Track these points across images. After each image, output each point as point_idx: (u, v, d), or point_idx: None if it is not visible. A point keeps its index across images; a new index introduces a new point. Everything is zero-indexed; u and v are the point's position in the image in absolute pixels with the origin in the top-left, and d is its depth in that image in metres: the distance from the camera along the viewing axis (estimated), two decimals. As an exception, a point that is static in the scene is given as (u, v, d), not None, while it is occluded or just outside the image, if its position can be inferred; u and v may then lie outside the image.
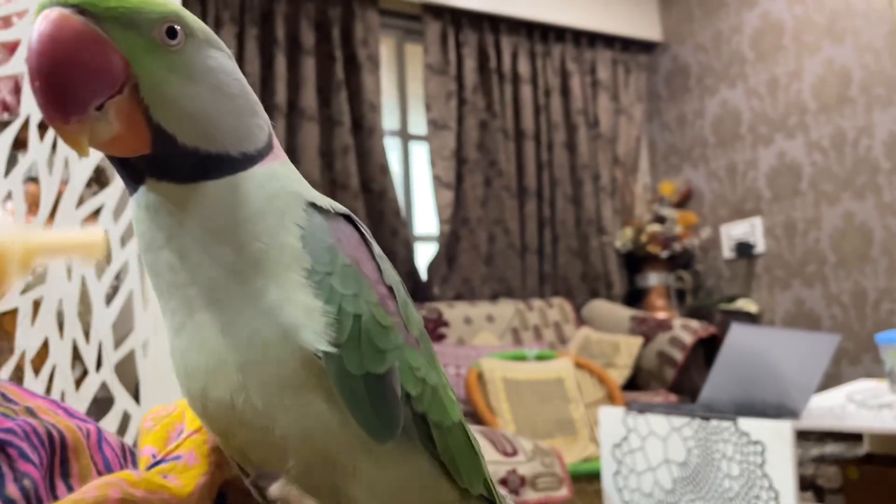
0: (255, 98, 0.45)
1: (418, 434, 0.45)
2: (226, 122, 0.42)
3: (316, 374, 0.40)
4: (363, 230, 0.47)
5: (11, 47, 1.49)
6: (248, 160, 0.43)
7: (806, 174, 3.31)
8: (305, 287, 0.41)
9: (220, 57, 0.43)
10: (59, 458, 0.46)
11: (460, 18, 3.57)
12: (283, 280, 0.41)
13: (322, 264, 0.42)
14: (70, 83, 0.36)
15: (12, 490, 0.40)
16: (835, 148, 3.19)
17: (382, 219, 3.28)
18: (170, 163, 0.40)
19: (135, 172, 0.41)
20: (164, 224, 0.41)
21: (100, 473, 0.48)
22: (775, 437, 1.44)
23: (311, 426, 0.41)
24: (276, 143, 0.47)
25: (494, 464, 1.71)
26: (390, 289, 0.46)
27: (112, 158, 0.42)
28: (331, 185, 3.23)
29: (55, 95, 0.36)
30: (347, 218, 0.46)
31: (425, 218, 3.58)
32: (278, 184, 0.44)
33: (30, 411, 0.47)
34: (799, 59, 3.35)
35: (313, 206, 0.44)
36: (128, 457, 0.54)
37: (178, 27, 0.40)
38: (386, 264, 0.47)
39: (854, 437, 2.84)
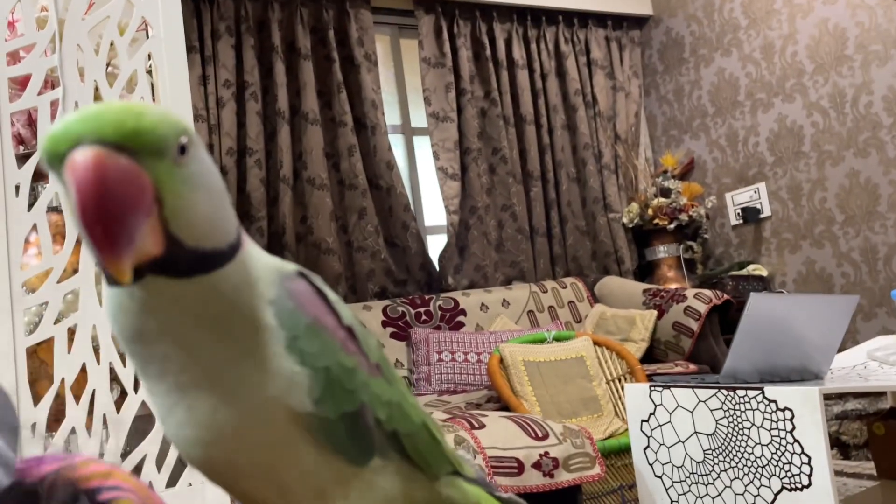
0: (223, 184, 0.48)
1: (391, 446, 0.52)
2: (218, 220, 0.45)
3: (302, 425, 0.46)
4: (316, 283, 0.52)
5: (23, 81, 1.52)
6: (231, 250, 0.46)
7: (807, 135, 3.32)
8: (284, 356, 0.46)
9: (202, 153, 0.46)
10: None
11: (452, 10, 3.57)
12: (265, 355, 0.46)
13: (291, 330, 0.47)
14: (125, 225, 0.38)
15: None
16: (834, 107, 3.20)
17: (392, 214, 3.30)
18: (173, 262, 0.43)
19: (134, 271, 0.42)
20: (159, 316, 0.44)
21: None
22: (803, 402, 1.46)
23: (304, 468, 0.48)
24: (241, 231, 0.50)
25: (527, 448, 1.74)
26: (349, 329, 0.52)
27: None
28: (338, 185, 3.25)
29: (114, 239, 0.38)
30: (302, 275, 0.52)
31: (434, 210, 3.61)
32: (257, 268, 0.48)
33: None
34: (792, 21, 3.35)
35: (275, 279, 0.49)
36: None
37: (185, 142, 0.43)
38: (341, 307, 0.53)
39: (875, 392, 2.87)
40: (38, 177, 1.50)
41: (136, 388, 1.43)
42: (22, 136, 1.69)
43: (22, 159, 1.43)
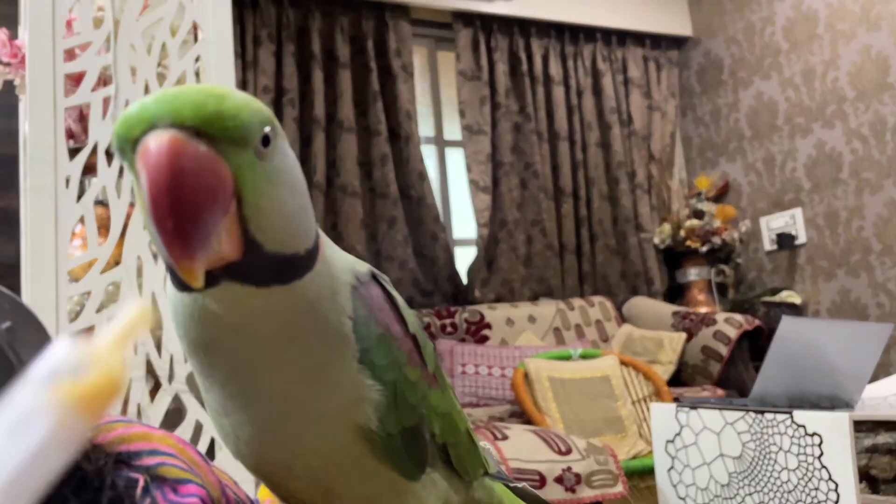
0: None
1: (439, 456, 0.51)
2: (300, 223, 0.41)
3: (363, 437, 0.45)
4: (387, 287, 0.50)
5: (77, 78, 1.57)
6: (310, 256, 0.42)
7: (846, 163, 3.28)
8: (356, 370, 0.44)
9: (286, 146, 0.42)
10: None
11: (490, 24, 3.61)
12: (339, 367, 0.43)
13: (364, 342, 0.44)
14: (201, 221, 0.34)
15: None
16: (875, 135, 3.16)
17: (422, 224, 3.33)
18: (251, 268, 0.39)
19: (207, 277, 0.38)
20: (231, 328, 0.40)
21: None
22: (832, 428, 1.44)
23: (358, 478, 0.47)
24: (319, 233, 0.46)
25: (549, 462, 1.74)
26: (414, 338, 0.50)
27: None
28: (370, 194, 3.29)
29: (187, 236, 0.34)
30: (374, 277, 0.49)
31: (464, 222, 3.63)
32: (335, 276, 0.44)
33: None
34: (834, 47, 3.32)
35: (353, 286, 0.46)
36: None
37: (270, 133, 0.38)
38: (409, 314, 0.50)
39: (908, 427, 2.80)
40: (87, 170, 1.55)
41: (170, 380, 1.46)
42: (72, 131, 1.75)
43: (72, 153, 1.48)
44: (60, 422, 0.22)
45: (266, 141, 0.38)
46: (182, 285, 0.40)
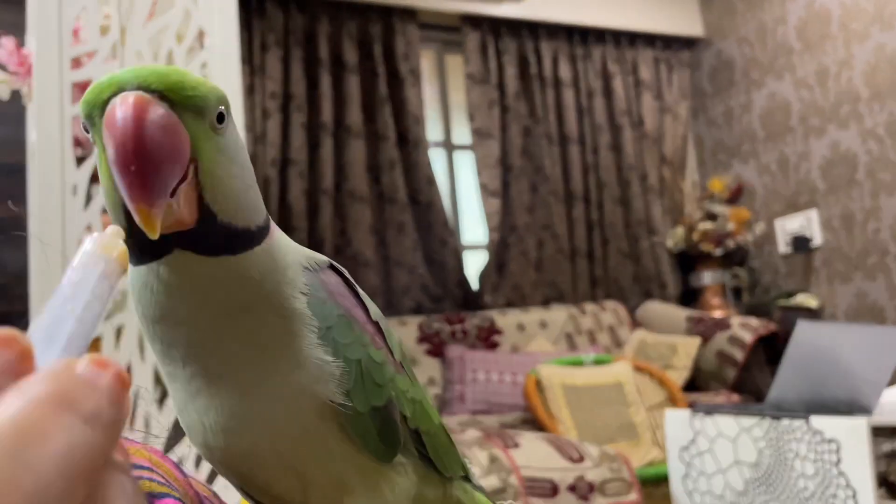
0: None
1: (412, 444, 0.52)
2: (249, 200, 0.44)
3: (330, 416, 0.46)
4: (346, 276, 0.52)
5: (84, 86, 1.57)
6: (260, 233, 0.45)
7: (862, 163, 3.23)
8: (316, 346, 0.46)
9: (236, 130, 0.46)
10: None
11: (499, 27, 3.59)
12: (298, 344, 0.45)
13: (324, 321, 0.47)
14: (160, 168, 0.38)
15: None
16: (891, 135, 3.11)
17: (431, 229, 3.31)
18: (205, 237, 0.42)
19: (159, 245, 0.41)
20: (185, 297, 0.43)
21: None
22: (850, 434, 1.41)
23: (329, 460, 0.47)
24: (269, 218, 0.49)
25: (562, 470, 1.71)
26: (377, 325, 0.52)
27: (130, 233, 0.41)
28: (379, 199, 3.28)
29: (149, 184, 0.37)
30: (332, 267, 0.51)
31: (473, 227, 3.61)
32: (287, 255, 0.47)
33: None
34: (848, 47, 3.27)
35: (306, 267, 0.49)
36: None
37: (224, 111, 0.42)
38: (370, 303, 0.53)
39: (928, 432, 2.75)
40: (95, 178, 1.55)
41: (176, 389, 1.45)
42: (80, 139, 1.75)
43: (79, 161, 1.48)
44: (107, 267, 0.30)
45: (220, 118, 0.42)
46: (138, 258, 0.43)
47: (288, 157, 3.10)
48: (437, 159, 3.53)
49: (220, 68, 1.56)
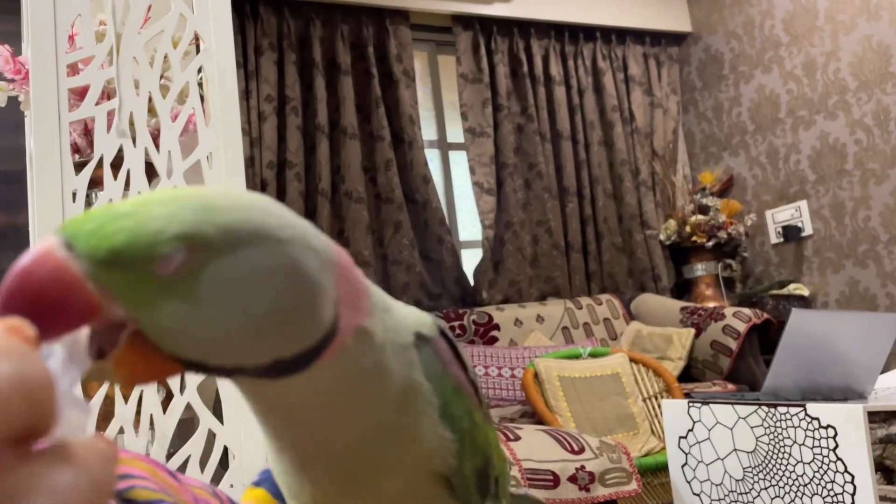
0: (309, 281, 0.37)
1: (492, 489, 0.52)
2: (255, 338, 0.35)
3: (441, 482, 0.46)
4: (450, 336, 0.49)
5: (81, 92, 1.58)
6: (314, 353, 0.37)
7: (850, 153, 3.27)
8: (437, 423, 0.44)
9: (255, 256, 0.35)
10: None
11: (490, 26, 3.61)
12: (417, 422, 0.43)
13: (443, 396, 0.45)
14: (33, 319, 0.29)
15: None
16: (878, 125, 3.15)
17: (427, 228, 3.33)
18: (227, 372, 0.36)
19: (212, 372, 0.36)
20: (269, 417, 0.41)
21: None
22: (847, 420, 1.44)
23: None
24: (359, 279, 0.41)
25: (563, 462, 1.74)
26: (473, 383, 0.50)
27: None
28: (375, 199, 3.30)
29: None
30: (440, 329, 0.48)
31: (469, 224, 3.63)
32: (395, 338, 0.42)
33: None
34: (835, 38, 3.31)
35: (419, 336, 0.45)
36: None
37: (183, 254, 0.33)
38: (467, 360, 0.51)
39: (921, 417, 2.78)
40: (94, 184, 1.56)
41: (181, 390, 1.47)
42: (78, 146, 1.76)
43: (78, 167, 1.49)
44: None
45: (173, 261, 0.33)
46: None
47: (285, 160, 3.11)
48: (432, 158, 3.55)
49: (216, 73, 1.57)
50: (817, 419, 1.48)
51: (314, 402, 0.38)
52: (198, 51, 1.62)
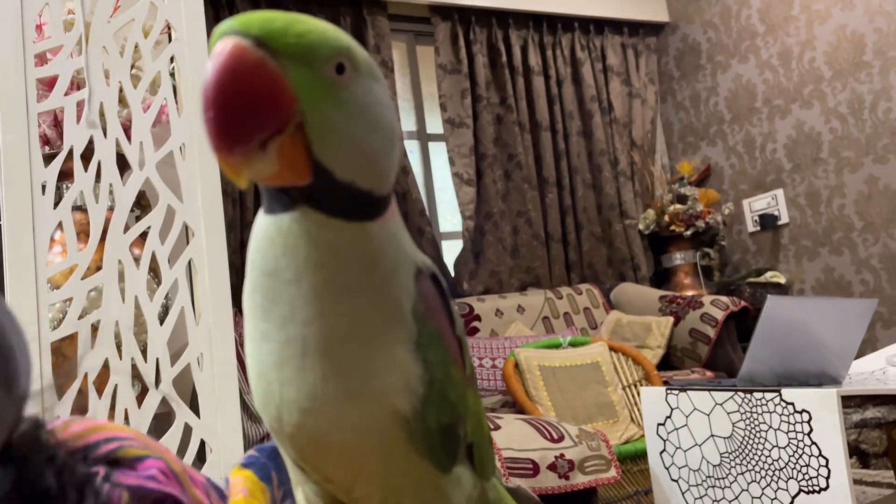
0: (399, 133, 0.44)
1: (466, 454, 0.52)
2: (378, 159, 0.42)
3: (402, 425, 0.45)
4: (443, 286, 0.50)
5: (50, 82, 1.55)
6: (383, 204, 0.43)
7: (826, 142, 3.30)
8: (409, 357, 0.45)
9: (378, 90, 0.43)
10: None
11: (469, 17, 3.60)
12: (391, 344, 0.44)
13: (421, 334, 0.45)
14: (240, 116, 0.36)
15: None
16: (853, 113, 3.18)
17: (407, 219, 3.32)
18: (326, 194, 0.40)
19: (284, 197, 0.41)
20: (300, 255, 0.41)
21: None
22: (821, 404, 1.46)
23: (392, 463, 0.47)
24: (392, 195, 0.47)
25: (542, 450, 1.74)
26: (458, 340, 0.51)
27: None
28: (354, 191, 3.28)
29: (225, 127, 0.36)
30: (433, 276, 0.49)
31: (449, 215, 3.62)
32: (402, 245, 0.45)
33: None
34: (810, 27, 3.34)
35: (419, 269, 0.47)
36: None
37: (346, 63, 0.40)
38: (457, 317, 0.51)
39: (895, 401, 2.83)
40: (64, 176, 1.53)
41: (156, 384, 1.45)
42: (48, 137, 1.73)
43: (48, 159, 1.46)
44: None
45: (341, 69, 0.39)
46: (268, 207, 0.42)
47: (260, 152, 3.07)
48: (411, 150, 3.53)
49: (188, 62, 1.55)
50: (792, 404, 1.50)
51: (344, 256, 0.42)
52: (170, 40, 1.60)
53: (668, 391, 1.75)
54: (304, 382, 0.44)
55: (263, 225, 0.43)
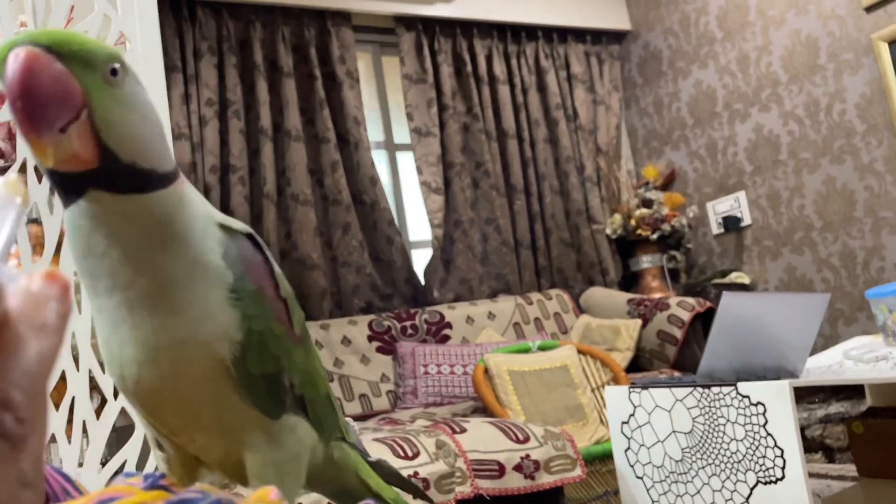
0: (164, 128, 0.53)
1: (299, 407, 0.60)
2: (152, 144, 0.50)
3: (226, 373, 0.52)
4: (264, 249, 0.58)
5: (3, 95, 1.54)
6: (167, 179, 0.51)
7: (784, 144, 3.38)
8: (225, 302, 0.51)
9: (143, 92, 0.52)
10: None
11: (433, 27, 3.63)
12: (208, 293, 0.51)
13: (237, 287, 0.52)
14: (43, 106, 0.44)
15: None
16: (809, 116, 3.26)
17: (376, 229, 3.33)
18: (112, 175, 0.48)
19: (77, 185, 0.48)
20: (105, 232, 0.48)
21: None
22: (775, 396, 1.49)
23: (222, 409, 0.53)
24: (179, 170, 0.55)
25: (508, 451, 1.76)
26: (284, 301, 0.58)
27: (54, 176, 0.48)
28: (322, 201, 3.28)
29: (32, 114, 0.43)
30: (250, 237, 0.57)
31: (419, 224, 3.64)
32: (195, 207, 0.53)
33: None
34: (766, 33, 3.42)
35: (223, 227, 0.54)
36: None
37: (118, 67, 0.48)
38: (283, 280, 0.59)
39: (857, 396, 2.89)
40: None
41: (115, 396, 1.44)
42: (1, 150, 1.72)
43: (1, 171, 1.45)
44: (17, 207, 0.33)
45: (114, 72, 0.48)
46: (65, 199, 0.49)
47: (228, 164, 3.07)
48: (379, 160, 3.54)
49: (143, 73, 1.55)
50: (748, 397, 1.53)
51: (140, 224, 0.49)
52: (125, 51, 1.60)
53: (631, 389, 1.78)
54: (138, 338, 0.50)
55: (68, 218, 0.50)
